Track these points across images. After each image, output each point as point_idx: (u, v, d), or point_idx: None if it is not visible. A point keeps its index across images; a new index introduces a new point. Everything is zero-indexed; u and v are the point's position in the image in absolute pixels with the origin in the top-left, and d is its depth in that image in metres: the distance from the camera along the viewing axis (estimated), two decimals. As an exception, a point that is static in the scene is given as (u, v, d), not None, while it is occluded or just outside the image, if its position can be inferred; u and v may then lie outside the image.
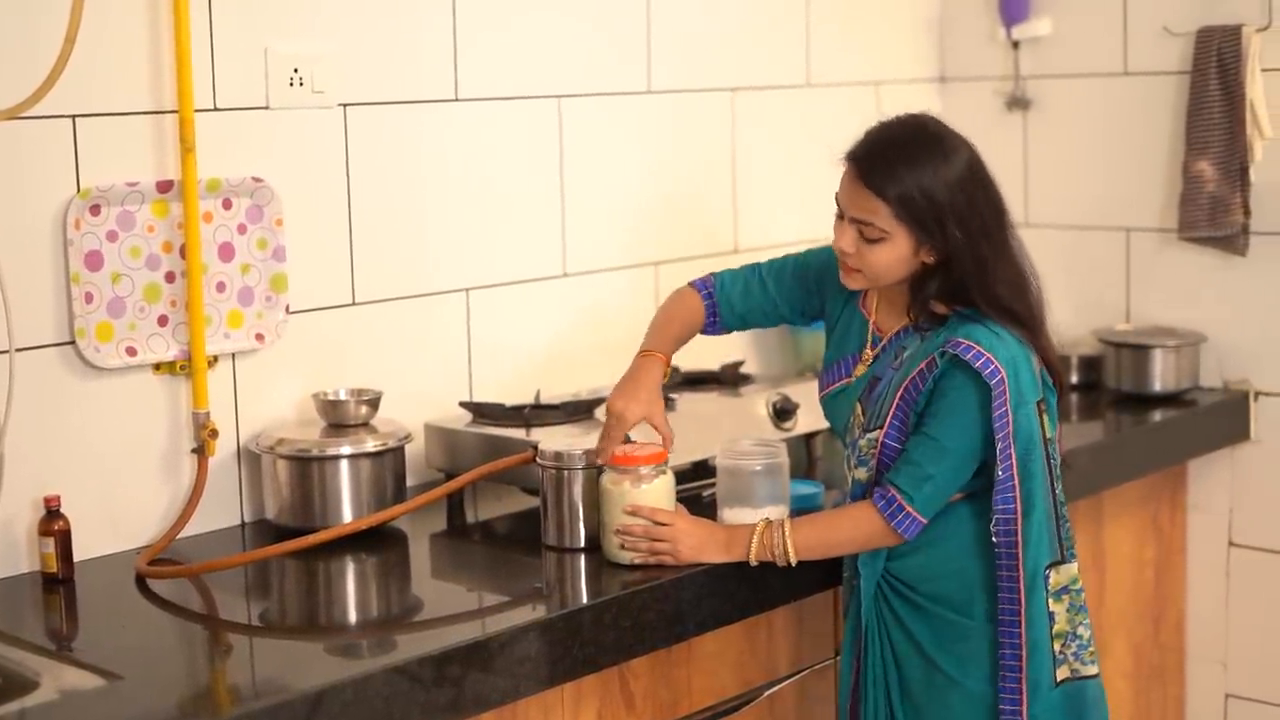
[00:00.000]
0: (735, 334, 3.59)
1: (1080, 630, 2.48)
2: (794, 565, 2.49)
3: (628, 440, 2.61)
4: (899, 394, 2.45)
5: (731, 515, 2.66)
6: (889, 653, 2.53)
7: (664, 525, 2.51)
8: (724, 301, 2.75)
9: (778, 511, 2.67)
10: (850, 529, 2.47)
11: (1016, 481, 2.41)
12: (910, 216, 2.41)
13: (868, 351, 2.57)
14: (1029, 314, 2.47)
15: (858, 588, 2.55)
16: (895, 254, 2.45)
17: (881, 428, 2.46)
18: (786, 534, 2.48)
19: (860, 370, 2.57)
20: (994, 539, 2.42)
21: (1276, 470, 3.66)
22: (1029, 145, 3.95)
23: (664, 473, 2.55)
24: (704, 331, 2.77)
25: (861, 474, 2.52)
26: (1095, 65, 3.83)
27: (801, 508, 2.71)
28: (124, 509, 2.70)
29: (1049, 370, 2.49)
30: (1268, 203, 3.59)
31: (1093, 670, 2.50)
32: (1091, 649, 2.50)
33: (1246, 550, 3.71)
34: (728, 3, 3.58)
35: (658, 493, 2.53)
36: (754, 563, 2.50)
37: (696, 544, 2.51)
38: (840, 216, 2.50)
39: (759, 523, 2.51)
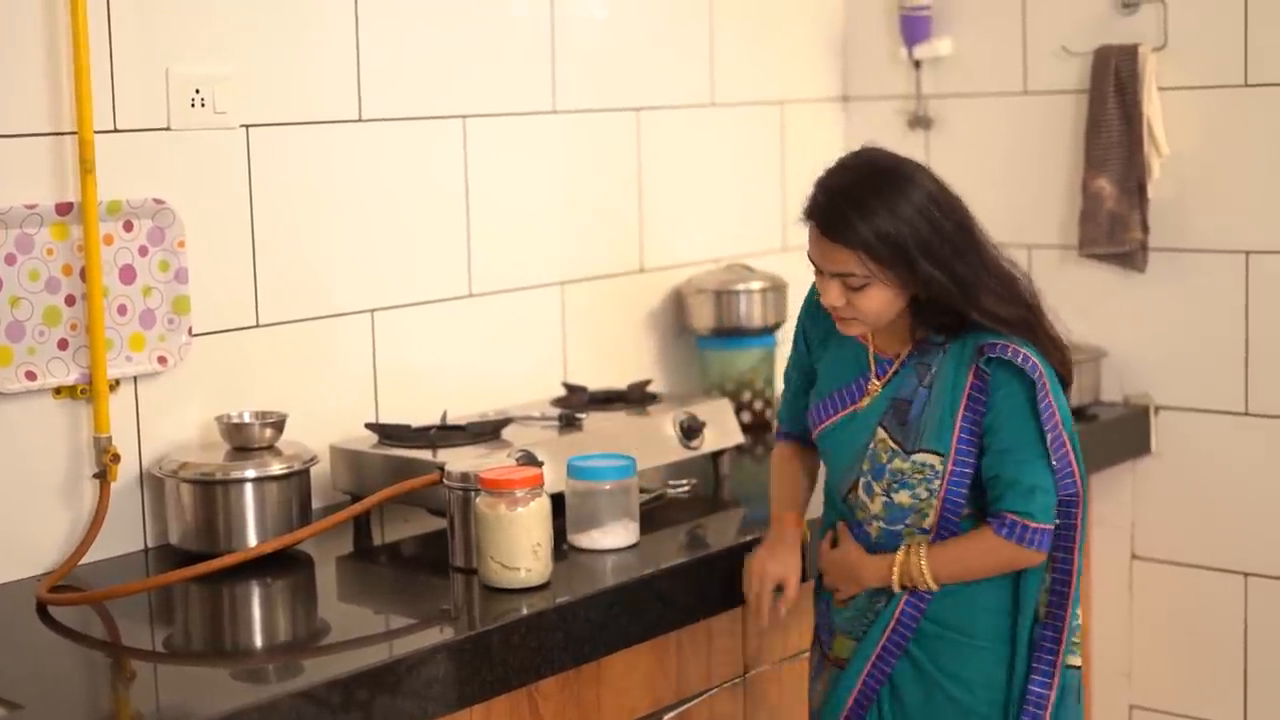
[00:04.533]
0: (641, 352, 3.62)
1: (1078, 621, 2.55)
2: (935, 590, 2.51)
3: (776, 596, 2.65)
4: (959, 417, 2.45)
5: (584, 539, 2.71)
6: (887, 677, 2.55)
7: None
8: (794, 423, 2.74)
9: (628, 530, 2.72)
10: (986, 559, 2.48)
11: (1075, 466, 2.46)
12: (883, 258, 2.40)
13: (875, 380, 2.54)
14: (1023, 316, 2.47)
15: (879, 612, 2.56)
16: (884, 296, 2.44)
17: (944, 454, 2.45)
18: (924, 568, 2.49)
19: (869, 398, 2.54)
20: (1057, 523, 2.45)
21: (1177, 483, 3.71)
22: (931, 163, 3.95)
23: (539, 495, 2.54)
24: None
25: (904, 497, 2.50)
26: (995, 84, 3.87)
27: (616, 479, 2.71)
28: (24, 535, 2.67)
29: (1061, 362, 2.51)
30: (1165, 219, 3.64)
31: (1079, 661, 2.56)
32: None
33: (1148, 563, 3.76)
34: (632, 22, 3.59)
35: (533, 516, 2.52)
36: (897, 589, 2.52)
37: (843, 580, 2.58)
38: (820, 272, 2.48)
39: (899, 554, 2.50)
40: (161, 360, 2.80)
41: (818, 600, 2.68)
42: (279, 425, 2.82)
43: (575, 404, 3.22)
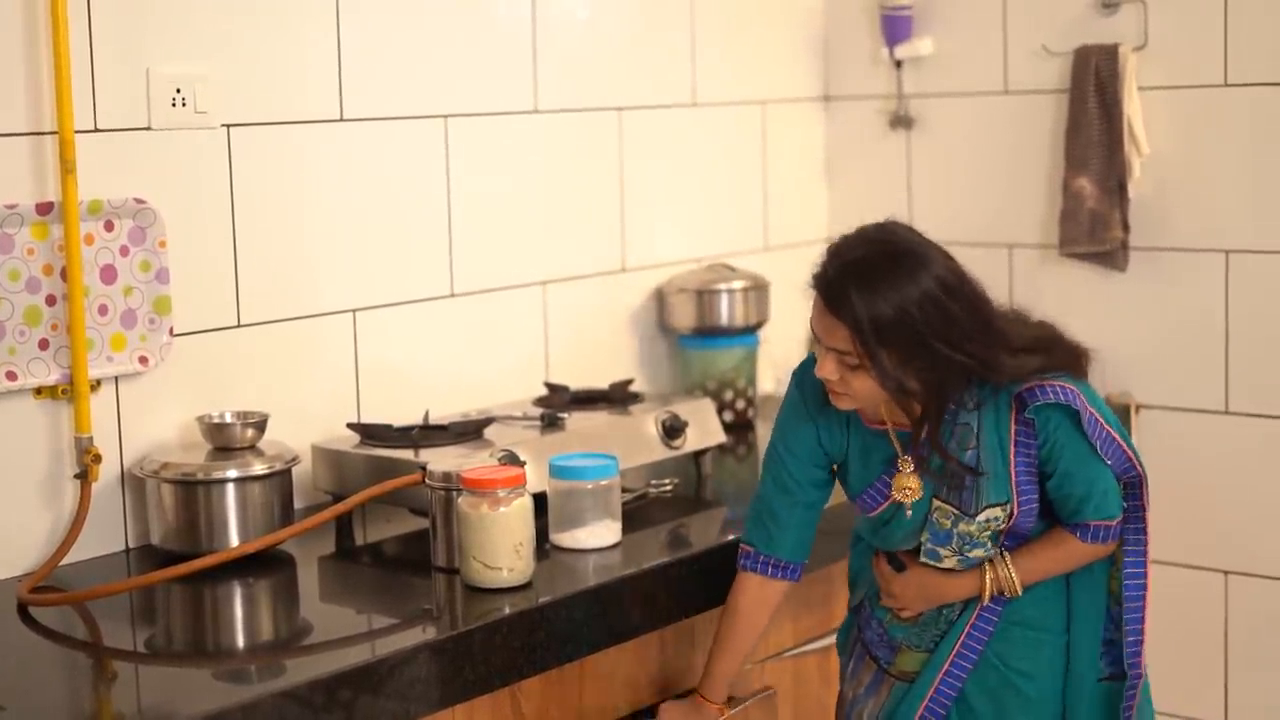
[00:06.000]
0: (623, 351, 3.63)
1: None
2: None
3: None
4: (1012, 464, 2.44)
5: (566, 538, 2.72)
6: (958, 689, 2.56)
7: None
8: (774, 544, 2.59)
9: (610, 530, 2.72)
10: (1069, 560, 2.51)
11: (1127, 450, 2.49)
12: (887, 342, 2.33)
13: (905, 457, 2.49)
14: (1044, 361, 2.45)
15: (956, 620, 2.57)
16: (873, 381, 2.39)
17: (1007, 502, 2.45)
18: (1014, 577, 2.50)
19: (909, 474, 2.50)
20: (1125, 506, 2.51)
21: (1157, 481, 3.67)
22: (912, 163, 4.00)
23: (521, 495, 2.55)
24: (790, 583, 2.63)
25: (978, 552, 2.50)
26: (976, 84, 3.88)
27: (598, 478, 2.72)
28: (4, 536, 2.66)
29: (1083, 369, 2.54)
30: (1146, 219, 3.65)
31: None
32: None
33: (1129, 561, 3.77)
34: (613, 22, 3.59)
35: (515, 515, 2.53)
36: (987, 600, 2.52)
37: (921, 603, 2.56)
38: (819, 341, 2.42)
39: (985, 569, 2.50)
40: (143, 360, 2.80)
41: (868, 619, 2.66)
42: (260, 425, 2.82)
43: (557, 403, 3.22)
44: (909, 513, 2.51)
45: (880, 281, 2.33)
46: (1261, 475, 3.58)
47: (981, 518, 2.47)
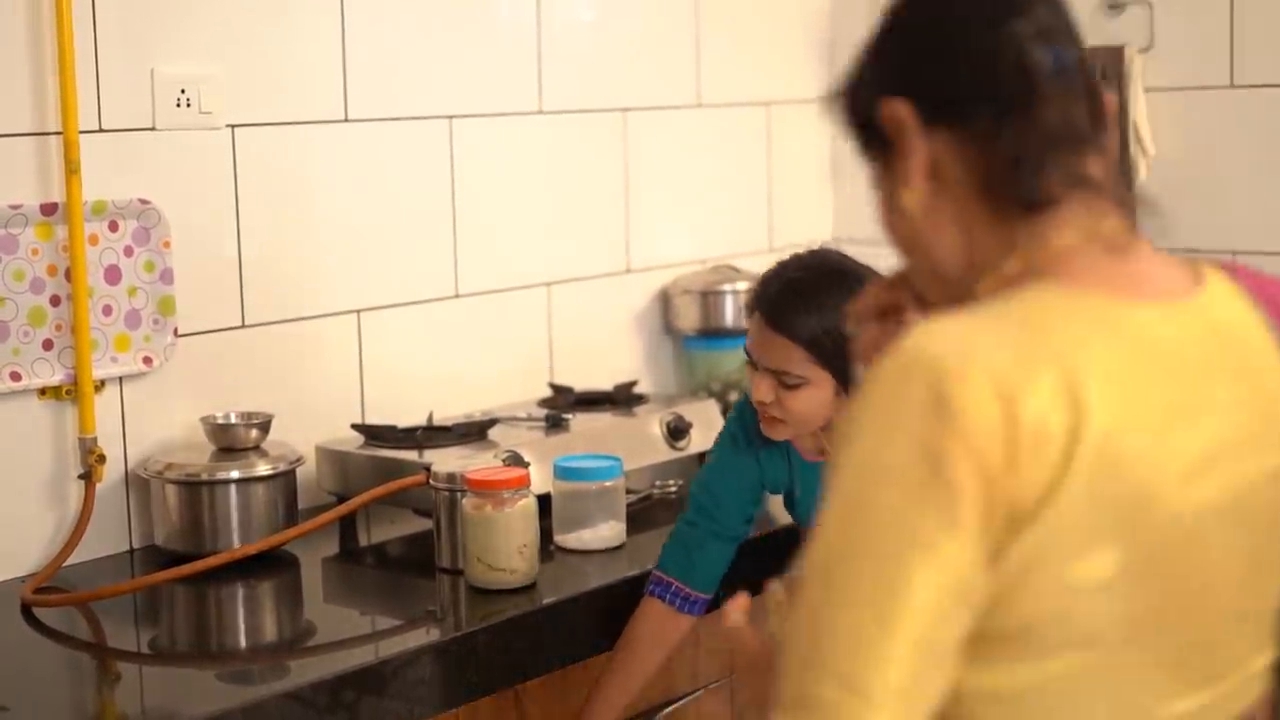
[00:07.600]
0: (628, 353, 3.62)
1: None
2: None
3: None
4: None
5: (571, 539, 2.72)
6: None
7: None
8: (692, 574, 2.52)
9: (614, 531, 2.73)
10: None
11: None
12: (827, 357, 2.33)
13: None
14: None
15: None
16: (818, 398, 2.36)
17: None
18: None
19: None
20: None
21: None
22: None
23: (526, 496, 2.54)
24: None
25: None
26: (982, 85, 3.87)
27: (602, 479, 2.72)
28: (8, 537, 2.66)
29: None
30: (1152, 221, 3.64)
31: None
32: None
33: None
34: (618, 23, 3.59)
35: (520, 516, 2.52)
36: None
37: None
38: (754, 366, 2.41)
39: None
40: (147, 361, 2.80)
41: None
42: (265, 426, 2.81)
43: (561, 405, 3.21)
44: None
45: (823, 296, 2.33)
46: (1267, 477, 3.57)
47: None
